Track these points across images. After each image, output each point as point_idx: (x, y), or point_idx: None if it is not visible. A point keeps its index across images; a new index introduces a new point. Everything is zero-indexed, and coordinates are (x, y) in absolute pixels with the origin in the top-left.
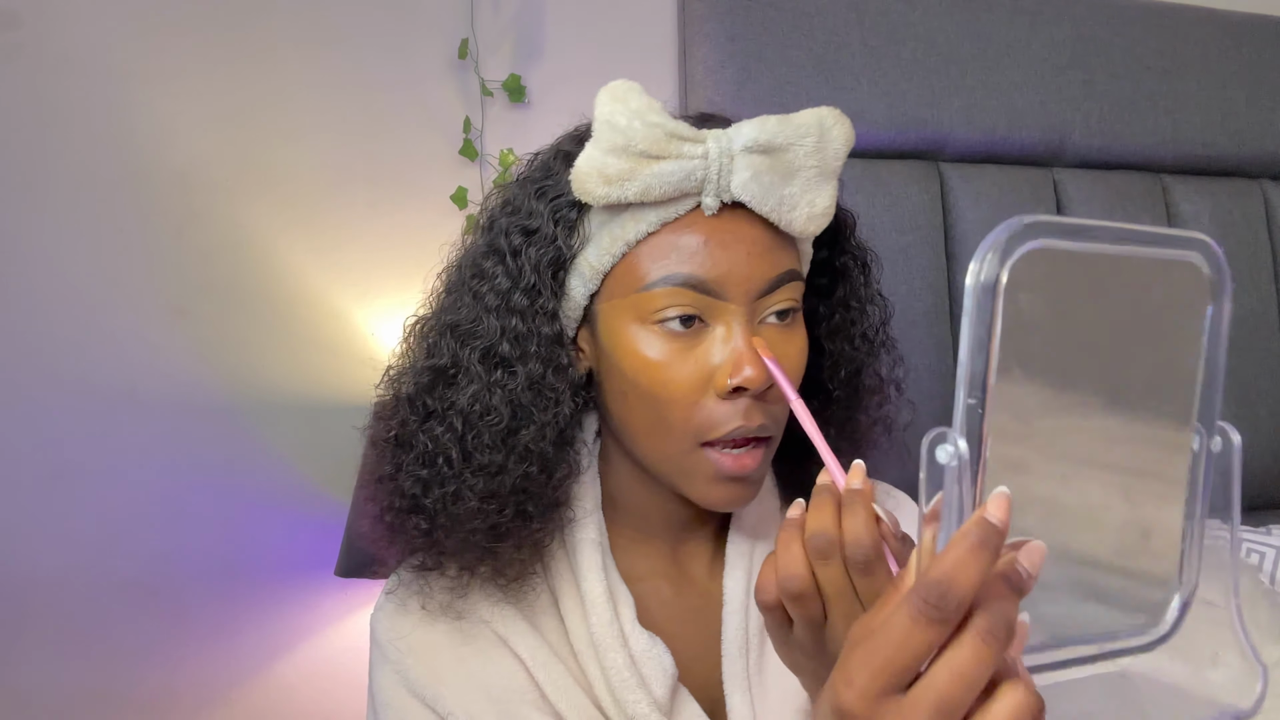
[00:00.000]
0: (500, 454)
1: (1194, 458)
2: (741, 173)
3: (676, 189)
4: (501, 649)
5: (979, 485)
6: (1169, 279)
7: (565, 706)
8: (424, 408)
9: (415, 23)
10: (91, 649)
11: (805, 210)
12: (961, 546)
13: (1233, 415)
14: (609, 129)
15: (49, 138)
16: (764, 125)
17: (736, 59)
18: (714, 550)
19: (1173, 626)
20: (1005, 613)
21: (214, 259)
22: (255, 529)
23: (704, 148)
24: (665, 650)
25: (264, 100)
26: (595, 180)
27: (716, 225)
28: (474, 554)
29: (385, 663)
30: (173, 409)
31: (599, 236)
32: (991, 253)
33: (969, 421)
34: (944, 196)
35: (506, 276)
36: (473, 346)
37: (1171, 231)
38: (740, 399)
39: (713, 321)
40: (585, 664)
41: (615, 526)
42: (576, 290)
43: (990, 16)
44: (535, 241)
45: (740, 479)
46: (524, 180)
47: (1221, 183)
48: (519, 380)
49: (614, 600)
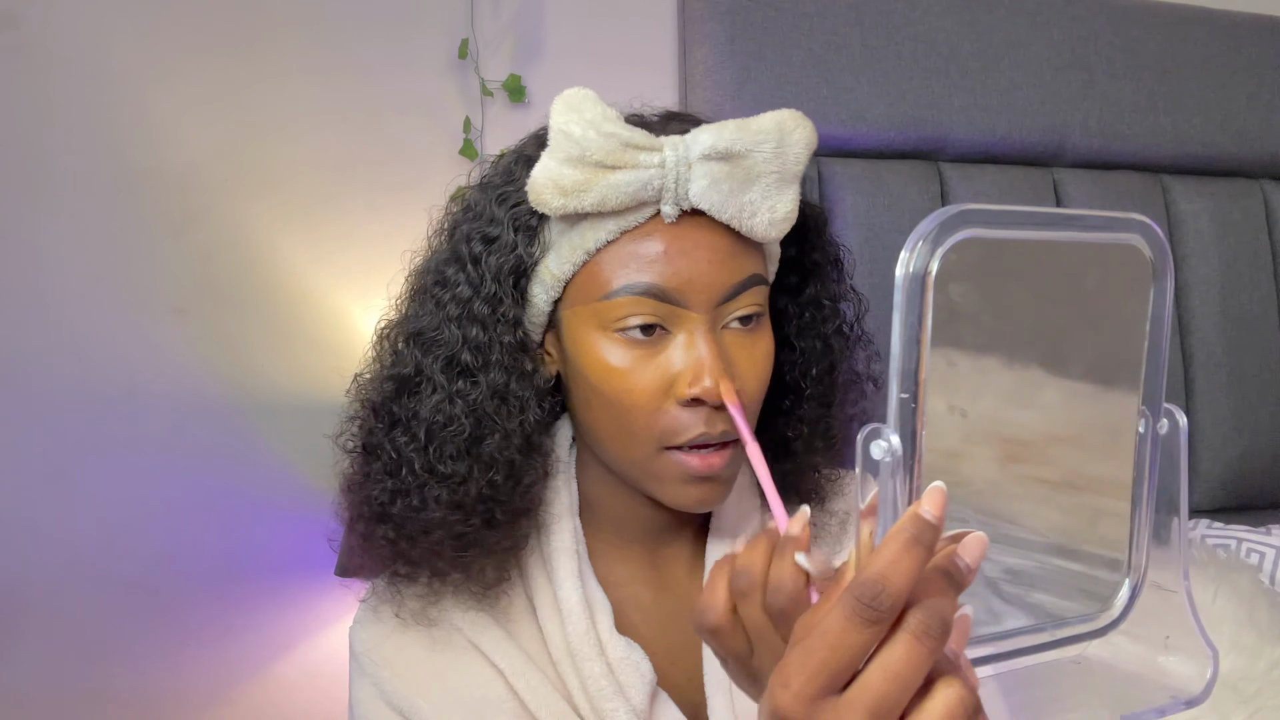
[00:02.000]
0: (464, 463)
1: (1140, 441)
2: (699, 180)
3: (634, 198)
4: (479, 659)
5: (915, 479)
6: (1109, 262)
7: (545, 715)
8: (390, 416)
9: (415, 23)
10: (91, 649)
11: (766, 216)
12: (894, 544)
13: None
14: (564, 139)
15: (49, 138)
16: (721, 132)
17: (736, 59)
18: (693, 554)
19: (1123, 612)
20: (940, 610)
21: (214, 259)
22: (255, 529)
23: (661, 156)
24: (644, 657)
25: (264, 100)
26: (551, 191)
27: (676, 233)
28: (443, 562)
29: (363, 676)
30: (172, 409)
31: (559, 245)
32: (921, 243)
33: (902, 416)
34: (944, 196)
35: (468, 284)
36: (435, 355)
37: (1110, 214)
38: (701, 407)
39: (674, 329)
40: (563, 672)
41: (593, 532)
42: (539, 297)
43: (990, 16)
44: (496, 249)
45: (709, 478)
46: (486, 184)
47: (1221, 183)
48: (481, 390)
49: (591, 608)
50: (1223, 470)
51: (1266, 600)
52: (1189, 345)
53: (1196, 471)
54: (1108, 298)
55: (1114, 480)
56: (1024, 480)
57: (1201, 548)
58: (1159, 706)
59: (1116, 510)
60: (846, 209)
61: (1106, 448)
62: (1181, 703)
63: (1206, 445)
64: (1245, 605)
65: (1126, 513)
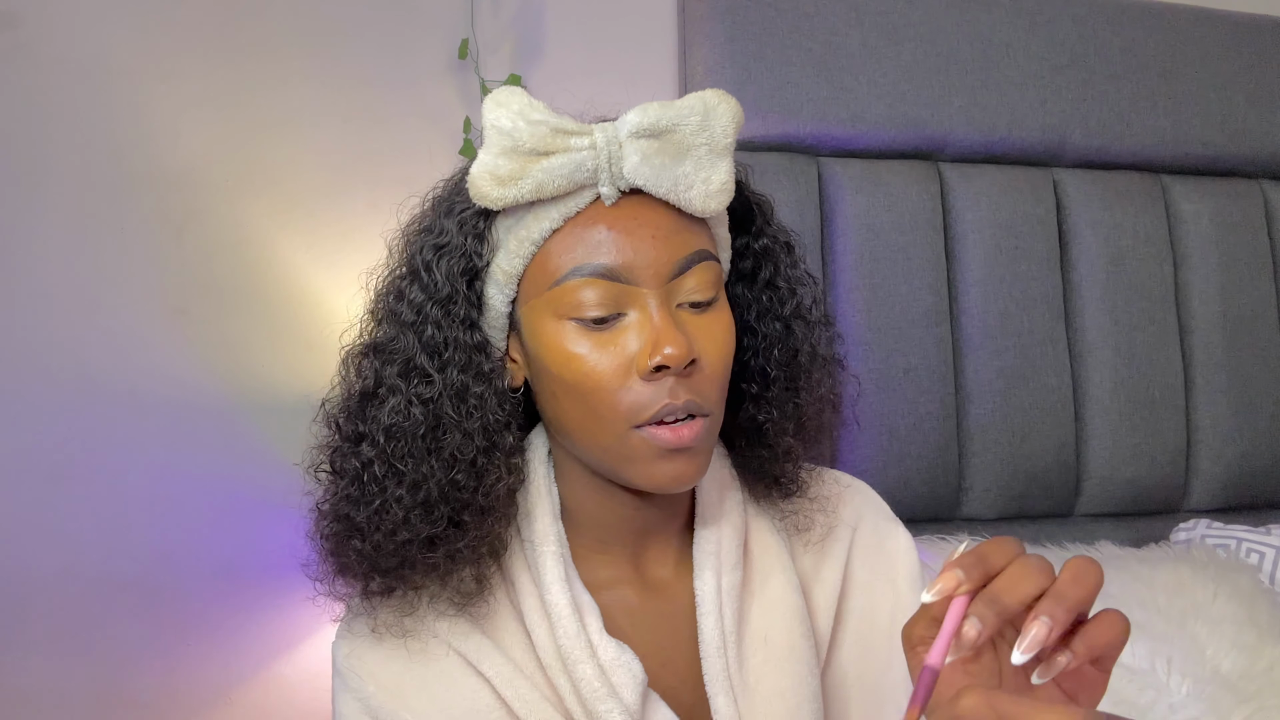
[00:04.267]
0: (424, 463)
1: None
2: (631, 158)
3: (570, 181)
4: (465, 669)
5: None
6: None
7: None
8: (354, 432)
9: (415, 23)
10: (91, 649)
11: (701, 189)
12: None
13: (1232, 415)
14: (496, 133)
15: (49, 138)
16: (647, 110)
17: (736, 59)
18: (679, 552)
19: None
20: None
21: (214, 259)
22: (255, 529)
23: (591, 139)
24: (634, 658)
25: (264, 100)
26: (488, 183)
27: (619, 213)
28: (417, 572)
29: (347, 690)
30: (172, 409)
31: (507, 241)
32: None
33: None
34: (944, 196)
35: (421, 291)
36: (393, 362)
37: None
38: (664, 378)
39: (628, 308)
40: (554, 677)
41: (575, 537)
42: (495, 299)
43: (990, 16)
44: (446, 254)
45: (682, 450)
46: (435, 201)
47: (1221, 183)
48: (437, 388)
49: (579, 611)
50: (1223, 470)
51: (1266, 600)
52: (1189, 345)
53: (1197, 471)
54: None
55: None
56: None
57: (1201, 548)
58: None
59: None
60: (846, 209)
61: None
62: None
63: (1206, 445)
64: (1245, 605)
65: None
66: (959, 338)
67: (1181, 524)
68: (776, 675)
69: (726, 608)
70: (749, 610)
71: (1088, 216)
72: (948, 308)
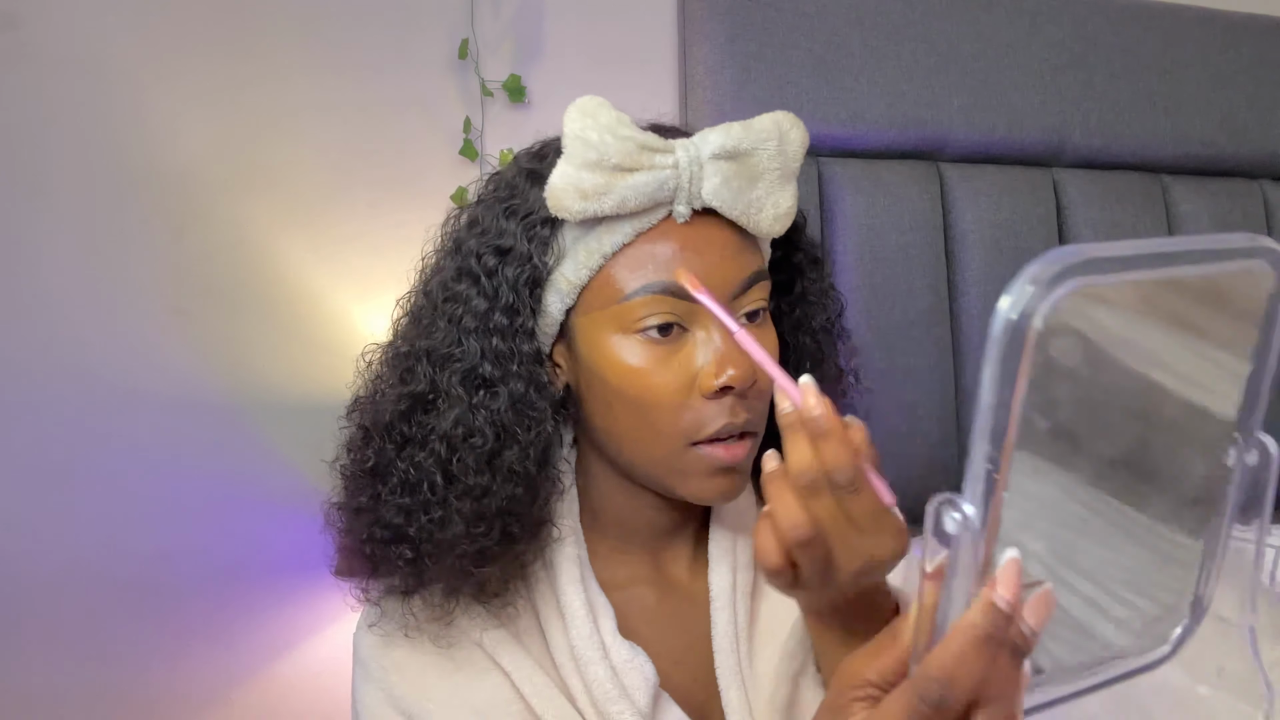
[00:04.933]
0: (485, 476)
1: (1228, 470)
2: (712, 179)
3: (650, 199)
4: (487, 663)
5: (988, 547)
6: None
7: (551, 719)
8: (401, 436)
9: (415, 23)
10: (91, 649)
11: (771, 211)
12: (965, 640)
13: None
14: (582, 145)
15: (49, 138)
16: (729, 132)
17: (736, 59)
18: (694, 551)
19: (1176, 645)
20: (1007, 708)
21: (214, 259)
22: (255, 529)
23: (674, 157)
24: (647, 660)
25: (264, 99)
26: (572, 196)
27: (689, 232)
28: (458, 578)
29: (369, 681)
30: (173, 409)
31: (574, 251)
32: (1031, 287)
33: (984, 487)
34: (944, 196)
35: (483, 297)
36: (452, 370)
37: (1231, 240)
38: (725, 398)
39: (692, 326)
40: (567, 677)
41: (594, 536)
42: (553, 306)
43: (990, 16)
44: (510, 260)
45: (733, 469)
46: (490, 200)
47: (1221, 183)
48: (501, 400)
49: (594, 612)
50: None
51: (1266, 600)
52: None
53: None
54: (1216, 325)
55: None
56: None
57: None
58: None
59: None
60: (847, 209)
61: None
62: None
63: None
64: None
65: (1199, 549)
66: (959, 338)
67: None
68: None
69: (740, 604)
70: (759, 609)
71: (1087, 216)
72: (948, 308)
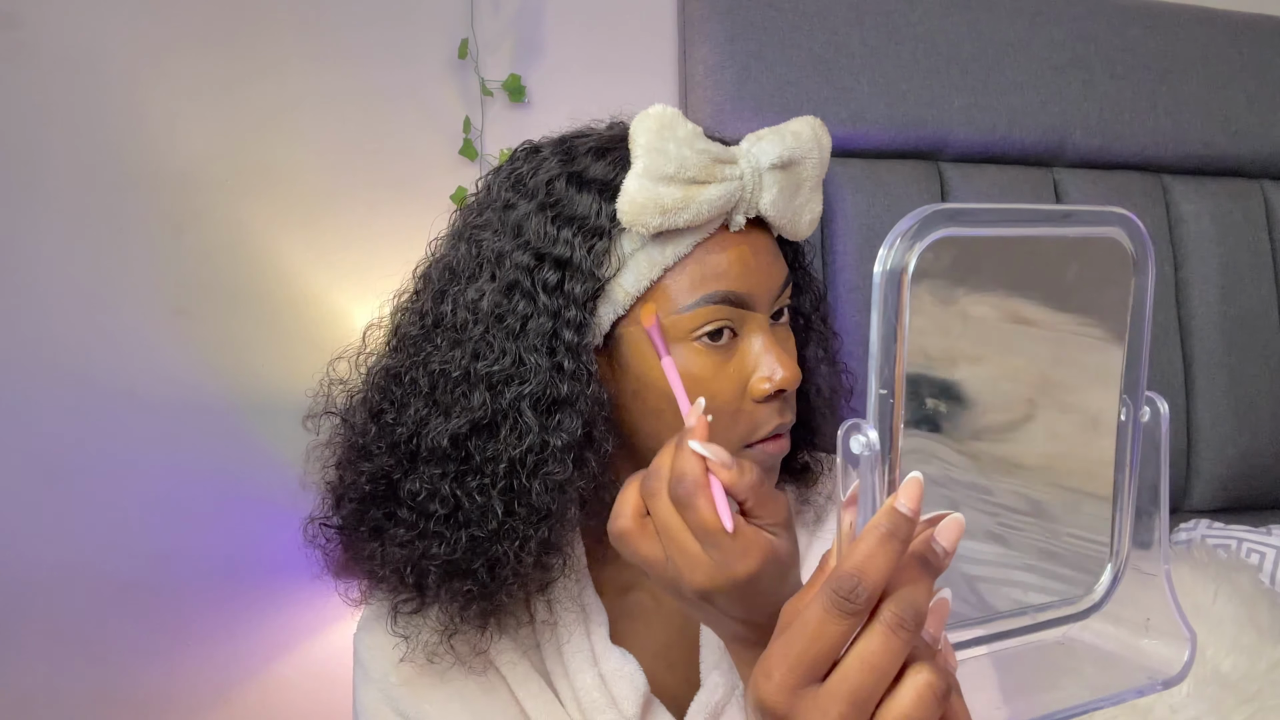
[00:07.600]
0: (553, 499)
1: (1121, 428)
2: (770, 190)
3: (719, 211)
4: (484, 666)
5: (893, 472)
6: (1089, 256)
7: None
8: (456, 463)
9: (415, 23)
10: (91, 649)
11: (808, 218)
12: (871, 538)
13: (1233, 415)
14: (660, 157)
15: (48, 137)
16: (784, 141)
17: (736, 59)
18: None
19: (1104, 596)
20: (914, 600)
21: (214, 259)
22: (255, 529)
23: (737, 168)
24: (637, 668)
25: (264, 100)
26: (651, 211)
27: (744, 240)
28: (490, 601)
29: (369, 682)
30: (172, 409)
31: (635, 262)
32: (900, 240)
33: (881, 412)
34: (944, 196)
35: (546, 315)
36: (518, 392)
37: (1089, 208)
38: (776, 400)
39: (743, 331)
40: (556, 682)
41: (595, 541)
42: (605, 317)
43: (990, 16)
44: (573, 275)
45: (774, 465)
46: (536, 208)
47: (1221, 183)
48: (575, 422)
49: (586, 619)
50: (1223, 470)
51: (1266, 600)
52: (1189, 345)
53: (1197, 471)
54: (1088, 290)
55: (1095, 468)
56: (1006, 468)
57: (1201, 548)
58: (1138, 687)
59: (1098, 497)
60: (847, 209)
61: (1087, 436)
62: (1159, 683)
63: (1206, 445)
64: (1245, 605)
65: (1108, 500)
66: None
67: (1182, 524)
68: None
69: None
70: None
71: None
72: None
